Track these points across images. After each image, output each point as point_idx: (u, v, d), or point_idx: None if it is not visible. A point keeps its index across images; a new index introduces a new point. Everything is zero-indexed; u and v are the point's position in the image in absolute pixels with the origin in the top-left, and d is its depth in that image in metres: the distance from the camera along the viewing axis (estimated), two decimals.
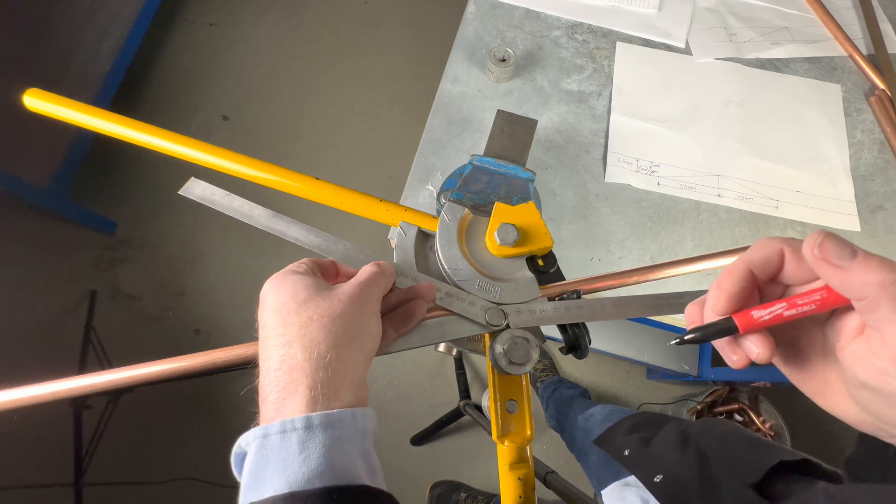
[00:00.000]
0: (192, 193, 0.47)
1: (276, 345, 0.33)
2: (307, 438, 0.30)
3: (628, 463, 0.61)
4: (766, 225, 0.73)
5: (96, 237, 1.63)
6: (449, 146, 0.76)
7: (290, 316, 0.34)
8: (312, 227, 0.45)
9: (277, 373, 0.32)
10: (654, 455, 0.58)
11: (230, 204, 0.47)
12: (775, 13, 0.91)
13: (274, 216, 0.46)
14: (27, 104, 0.49)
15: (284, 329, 0.34)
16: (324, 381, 0.32)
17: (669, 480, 0.53)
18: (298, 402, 0.31)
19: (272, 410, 0.32)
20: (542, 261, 0.48)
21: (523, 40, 0.85)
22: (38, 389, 0.40)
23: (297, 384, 0.32)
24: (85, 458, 1.30)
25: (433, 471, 1.46)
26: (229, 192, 0.47)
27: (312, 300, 0.35)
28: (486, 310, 0.43)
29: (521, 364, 0.41)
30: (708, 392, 1.37)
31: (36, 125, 1.33)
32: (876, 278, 0.24)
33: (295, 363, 0.32)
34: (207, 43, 1.92)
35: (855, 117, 0.82)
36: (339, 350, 0.33)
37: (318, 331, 0.33)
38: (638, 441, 0.62)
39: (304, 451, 0.29)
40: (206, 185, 0.47)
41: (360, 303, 0.36)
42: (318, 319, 0.34)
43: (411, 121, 1.81)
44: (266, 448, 0.30)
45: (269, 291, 0.37)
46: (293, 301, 0.35)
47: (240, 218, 0.46)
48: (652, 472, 0.55)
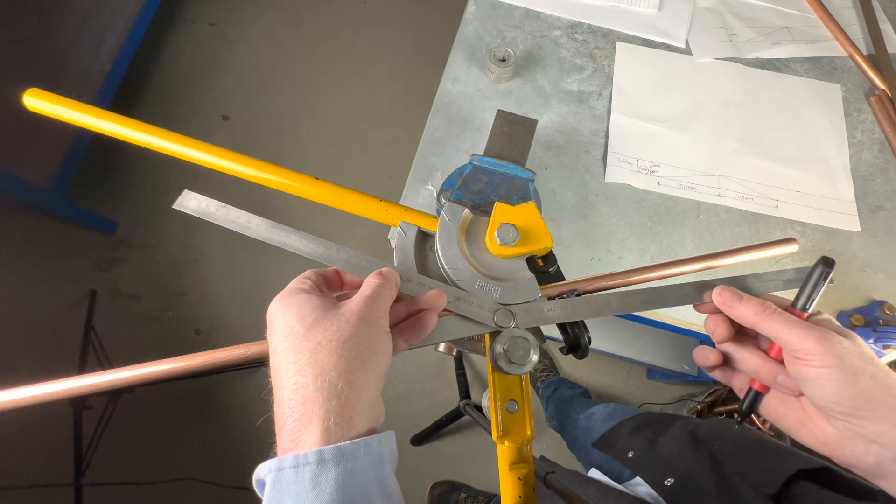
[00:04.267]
0: (186, 207, 0.45)
1: (287, 373, 0.33)
2: (320, 473, 0.30)
3: (634, 465, 0.60)
4: (766, 225, 0.73)
5: (96, 237, 1.63)
6: (449, 146, 0.76)
7: (300, 342, 0.34)
8: (313, 236, 0.44)
9: (291, 403, 0.32)
10: (662, 457, 0.57)
11: (227, 216, 0.45)
12: (775, 13, 0.91)
13: (273, 226, 0.45)
14: (27, 104, 0.49)
15: (295, 356, 0.33)
16: (336, 410, 0.32)
17: (682, 484, 0.52)
18: (312, 434, 0.31)
19: (288, 441, 0.32)
20: (542, 261, 0.48)
21: (523, 40, 0.85)
22: (38, 389, 0.40)
23: (311, 415, 0.31)
24: (85, 458, 1.30)
25: (433, 471, 1.46)
26: (225, 204, 0.45)
27: (320, 323, 0.34)
28: (493, 311, 0.43)
29: (521, 364, 0.41)
30: (708, 392, 1.38)
31: (36, 125, 1.33)
32: (753, 311, 0.38)
33: (307, 393, 0.32)
34: (207, 43, 1.92)
35: (855, 117, 0.82)
36: (351, 375, 0.33)
37: (329, 357, 0.33)
38: (643, 442, 0.61)
39: (317, 486, 0.29)
40: (200, 197, 0.46)
41: (369, 321, 0.35)
42: (328, 344, 0.33)
43: (411, 121, 1.81)
44: (281, 482, 0.30)
45: (275, 314, 0.36)
46: (301, 325, 0.34)
47: (237, 230, 0.44)
48: (661, 475, 0.54)
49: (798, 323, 0.36)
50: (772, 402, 0.40)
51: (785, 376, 0.38)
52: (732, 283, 0.43)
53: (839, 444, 0.35)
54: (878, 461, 0.33)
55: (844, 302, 0.69)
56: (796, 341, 0.35)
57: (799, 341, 0.35)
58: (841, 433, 0.35)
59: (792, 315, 0.37)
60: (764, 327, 0.38)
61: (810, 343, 0.35)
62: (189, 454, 1.44)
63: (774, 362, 0.39)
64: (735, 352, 0.41)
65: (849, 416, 0.34)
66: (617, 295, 0.44)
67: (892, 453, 0.33)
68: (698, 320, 0.67)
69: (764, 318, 0.38)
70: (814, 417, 0.37)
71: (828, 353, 0.34)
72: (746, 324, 0.39)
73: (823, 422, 0.36)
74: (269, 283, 1.58)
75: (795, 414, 0.38)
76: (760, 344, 0.41)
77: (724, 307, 0.40)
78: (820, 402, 0.35)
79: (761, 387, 0.40)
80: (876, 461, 0.34)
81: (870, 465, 0.34)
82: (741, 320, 0.39)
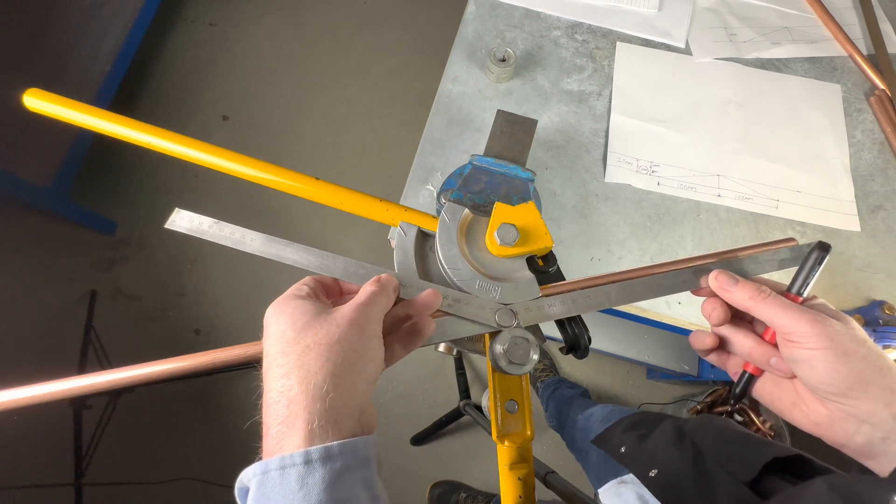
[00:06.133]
0: (178, 226, 0.45)
1: (275, 376, 0.33)
2: (306, 474, 0.29)
3: (624, 460, 0.61)
4: (766, 225, 0.73)
5: (96, 237, 1.63)
6: (449, 146, 0.76)
7: (289, 345, 0.34)
8: (309, 247, 0.44)
9: (277, 406, 0.32)
10: (649, 450, 0.58)
11: (220, 232, 0.44)
12: (775, 13, 0.91)
13: (268, 240, 0.44)
14: (27, 104, 0.49)
15: (283, 359, 0.34)
16: (321, 412, 0.32)
17: (664, 475, 0.53)
18: (297, 436, 0.31)
19: (272, 445, 0.32)
20: (542, 261, 0.48)
21: (523, 40, 0.85)
22: (38, 389, 0.40)
23: (296, 418, 0.31)
24: (85, 458, 1.30)
25: (433, 471, 1.46)
26: (218, 220, 0.45)
27: (311, 327, 0.34)
28: (495, 311, 0.43)
29: (521, 364, 0.41)
30: (708, 392, 1.38)
31: (36, 125, 1.33)
32: (748, 294, 0.39)
33: (293, 395, 0.32)
34: (207, 43, 1.92)
35: (855, 117, 0.82)
36: (338, 379, 0.33)
37: (315, 360, 0.33)
38: (634, 438, 0.62)
39: (304, 487, 0.29)
40: (192, 215, 0.45)
41: (359, 326, 0.35)
42: (316, 347, 0.33)
43: (411, 121, 1.81)
44: (266, 485, 0.30)
45: (269, 319, 0.36)
46: (292, 329, 0.35)
47: (232, 246, 0.44)
48: (647, 468, 0.55)
49: (792, 306, 0.37)
50: (765, 385, 0.41)
51: (778, 359, 0.38)
52: (728, 265, 0.44)
53: (830, 425, 0.36)
54: (868, 441, 0.34)
55: (844, 302, 0.69)
56: (789, 324, 0.36)
57: (792, 324, 0.36)
58: (832, 413, 0.36)
59: (786, 299, 0.38)
60: (758, 311, 0.39)
61: (803, 326, 0.35)
62: (189, 454, 1.44)
63: (768, 345, 0.40)
64: (730, 335, 0.42)
65: (840, 397, 0.35)
66: (616, 287, 0.45)
67: (881, 433, 0.34)
68: (698, 320, 0.67)
69: (759, 302, 0.38)
70: (806, 399, 0.38)
71: (820, 335, 0.35)
72: (742, 307, 0.40)
73: (816, 403, 0.37)
74: (268, 283, 1.58)
75: (788, 396, 0.39)
76: (755, 328, 0.42)
77: (720, 291, 0.41)
78: (812, 383, 0.36)
79: (755, 369, 0.41)
80: (866, 441, 0.34)
81: (860, 444, 0.35)
82: (737, 304, 0.40)
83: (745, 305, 0.40)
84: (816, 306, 0.38)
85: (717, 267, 0.43)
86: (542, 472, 0.62)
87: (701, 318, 0.44)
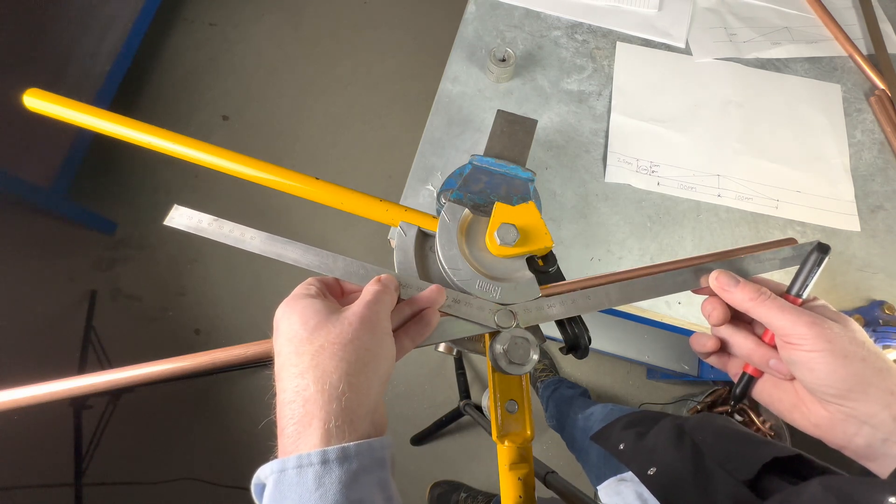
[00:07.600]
0: (177, 223, 0.44)
1: (290, 375, 0.33)
2: (323, 474, 0.30)
3: (623, 457, 0.61)
4: (766, 225, 0.73)
5: (96, 237, 1.63)
6: (449, 146, 0.76)
7: (303, 345, 0.34)
8: (309, 246, 0.44)
9: (292, 405, 0.32)
10: (647, 448, 0.58)
11: (219, 230, 0.44)
12: (775, 13, 0.91)
13: (268, 238, 0.44)
14: (27, 104, 0.49)
15: (297, 359, 0.34)
16: (337, 412, 0.32)
17: (663, 473, 0.53)
18: (314, 435, 0.31)
19: (289, 444, 0.32)
20: (542, 261, 0.48)
21: (523, 40, 0.85)
22: (38, 389, 0.40)
23: (312, 417, 0.32)
24: (85, 458, 1.30)
25: (433, 471, 1.46)
26: (217, 218, 0.44)
27: (323, 326, 0.35)
28: (494, 312, 0.43)
29: (521, 364, 0.41)
30: (708, 392, 1.38)
31: (36, 125, 1.33)
32: (748, 296, 0.39)
33: (308, 395, 0.32)
34: (207, 43, 1.92)
35: (855, 117, 0.82)
36: (353, 378, 0.33)
37: (330, 360, 0.33)
38: (633, 436, 0.62)
39: (321, 486, 0.29)
40: (191, 212, 0.44)
41: (372, 324, 0.35)
42: (330, 347, 0.34)
43: (411, 121, 1.81)
44: (283, 483, 0.30)
45: (280, 318, 0.37)
46: (304, 328, 0.35)
47: (232, 244, 0.43)
48: (646, 465, 0.55)
49: (790, 308, 0.37)
50: (765, 387, 0.41)
51: (777, 360, 0.38)
52: (729, 265, 0.44)
53: (831, 426, 0.36)
54: (869, 442, 0.34)
55: (844, 302, 0.69)
56: (788, 326, 0.36)
57: (790, 326, 0.36)
58: (832, 415, 0.36)
59: (786, 301, 0.38)
60: (758, 312, 0.39)
61: (801, 328, 0.35)
62: (189, 454, 1.44)
63: (767, 347, 0.39)
64: (730, 336, 0.42)
65: (840, 399, 0.35)
66: (616, 287, 0.45)
67: (882, 434, 0.34)
68: (698, 320, 0.67)
69: (758, 304, 0.38)
70: (806, 401, 0.38)
71: (819, 337, 0.35)
72: (741, 308, 0.40)
73: (815, 405, 0.37)
74: (269, 283, 1.58)
75: (788, 398, 0.39)
76: (755, 329, 0.42)
77: (720, 291, 0.41)
78: (812, 384, 0.36)
79: (755, 371, 0.41)
80: (866, 442, 0.34)
81: (860, 446, 0.35)
82: (736, 305, 0.40)
83: (744, 307, 0.40)
84: (817, 308, 0.38)
85: (718, 267, 0.43)
86: (542, 472, 0.62)
87: (701, 318, 0.44)
